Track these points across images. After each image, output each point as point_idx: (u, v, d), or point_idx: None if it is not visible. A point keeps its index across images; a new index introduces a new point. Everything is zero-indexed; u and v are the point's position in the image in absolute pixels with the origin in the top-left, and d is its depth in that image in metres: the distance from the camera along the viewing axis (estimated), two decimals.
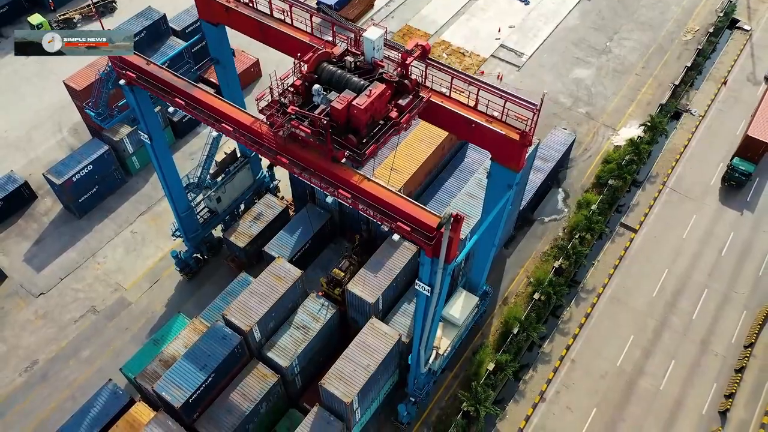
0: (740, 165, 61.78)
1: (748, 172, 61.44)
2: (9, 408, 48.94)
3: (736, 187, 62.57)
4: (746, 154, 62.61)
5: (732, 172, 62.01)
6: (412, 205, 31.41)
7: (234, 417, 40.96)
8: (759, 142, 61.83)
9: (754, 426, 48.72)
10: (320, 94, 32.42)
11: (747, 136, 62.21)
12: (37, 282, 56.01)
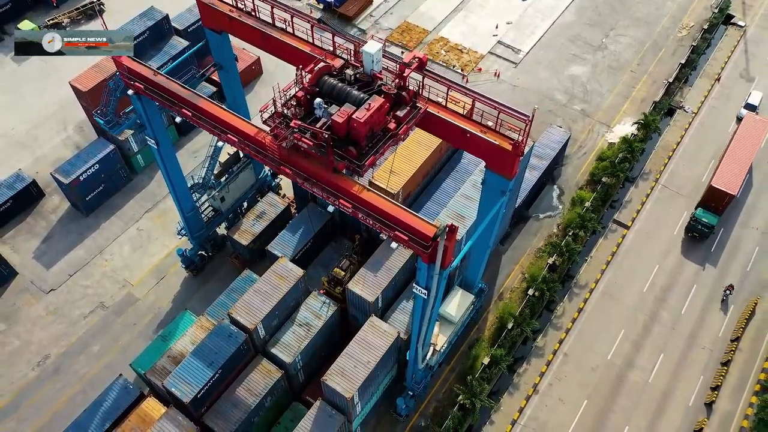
0: (703, 217, 58.68)
1: (711, 224, 58.32)
2: (23, 401, 50.96)
3: (699, 240, 59.83)
4: (710, 204, 59.61)
5: (695, 223, 59.05)
6: (409, 215, 33.03)
7: (240, 411, 42.93)
8: (723, 193, 58.70)
9: (738, 417, 50.81)
10: (322, 108, 33.91)
11: (711, 186, 59.18)
12: (47, 279, 57.75)
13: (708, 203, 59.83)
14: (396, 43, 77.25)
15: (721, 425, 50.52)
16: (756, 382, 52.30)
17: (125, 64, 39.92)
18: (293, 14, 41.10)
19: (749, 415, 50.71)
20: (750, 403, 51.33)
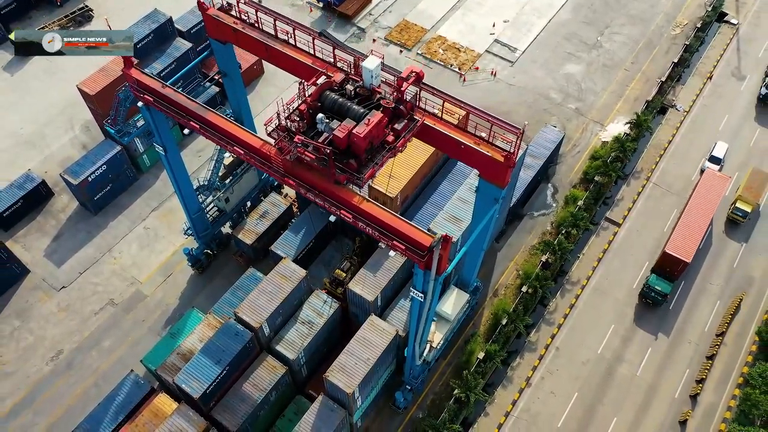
0: (656, 284, 56.86)
1: (664, 292, 56.56)
2: (38, 395, 53.26)
3: (653, 306, 58.10)
4: (664, 270, 57.97)
5: (648, 290, 57.26)
6: (407, 226, 35.02)
7: (247, 405, 45.24)
8: (677, 260, 56.85)
9: (722, 409, 53.22)
10: (323, 123, 35.77)
11: (665, 252, 57.26)
12: (58, 276, 59.84)
13: (662, 269, 58.11)
14: (395, 41, 78.73)
15: (704, 417, 52.94)
16: (739, 376, 54.63)
17: (135, 77, 41.59)
18: (295, 27, 42.76)
19: (732, 407, 53.11)
20: (733, 396, 53.69)
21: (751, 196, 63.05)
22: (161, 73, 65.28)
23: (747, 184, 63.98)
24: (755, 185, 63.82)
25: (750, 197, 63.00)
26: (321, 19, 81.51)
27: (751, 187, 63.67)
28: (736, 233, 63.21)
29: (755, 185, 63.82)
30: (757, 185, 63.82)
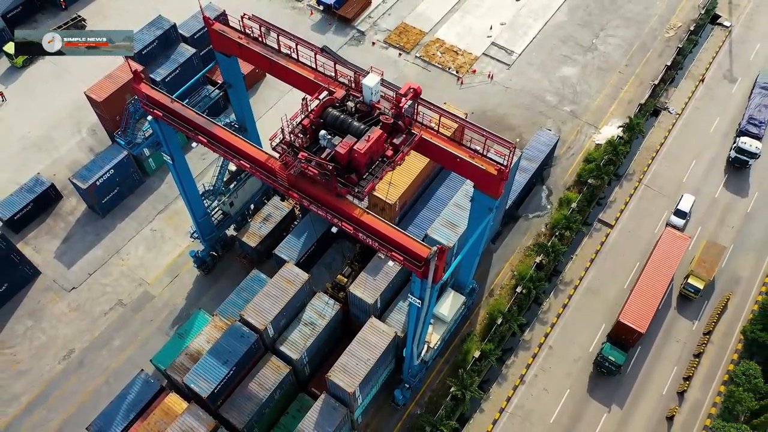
0: (610, 354, 55.49)
1: (618, 363, 55.30)
2: (52, 392, 55.46)
3: (606, 375, 56.45)
4: (618, 340, 56.78)
5: (601, 360, 55.86)
6: (405, 237, 36.98)
7: (253, 403, 47.46)
8: (631, 330, 55.29)
9: (707, 405, 55.50)
10: (326, 139, 37.69)
11: (619, 322, 55.72)
12: (68, 277, 61.86)
13: (617, 337, 56.89)
14: (394, 44, 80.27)
15: (691, 412, 55.23)
16: (725, 373, 56.87)
17: (144, 92, 43.33)
18: (298, 42, 44.45)
19: (717, 404, 55.38)
20: (719, 392, 55.94)
21: (704, 272, 59.84)
22: (166, 79, 67.11)
23: (700, 257, 60.78)
24: (709, 259, 60.59)
25: (703, 272, 59.81)
26: (321, 21, 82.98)
27: (705, 262, 60.42)
28: (688, 310, 60.47)
29: (709, 259, 60.59)
30: (711, 260, 60.57)
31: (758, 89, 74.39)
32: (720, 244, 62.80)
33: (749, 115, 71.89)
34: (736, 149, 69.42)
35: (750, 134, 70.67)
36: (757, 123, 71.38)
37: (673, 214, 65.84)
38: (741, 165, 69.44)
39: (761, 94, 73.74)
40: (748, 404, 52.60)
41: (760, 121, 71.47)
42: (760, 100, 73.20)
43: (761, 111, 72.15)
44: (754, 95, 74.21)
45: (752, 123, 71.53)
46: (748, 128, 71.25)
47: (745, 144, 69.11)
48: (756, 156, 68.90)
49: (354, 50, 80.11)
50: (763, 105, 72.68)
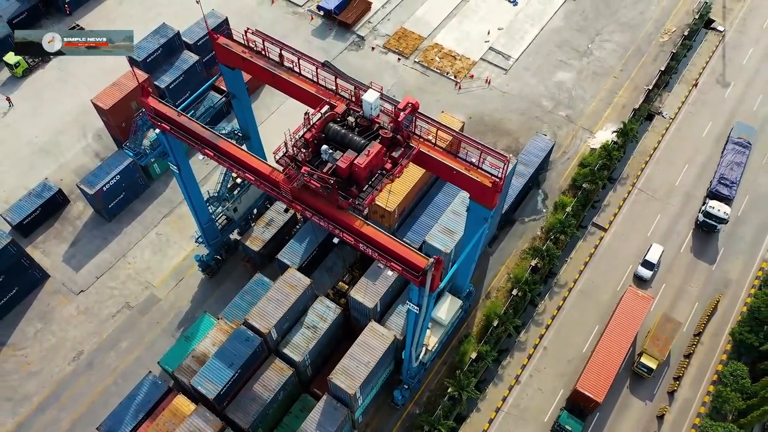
0: (566, 424, 54.34)
1: None
2: (62, 392, 57.30)
3: None
4: (576, 407, 55.65)
5: (558, 429, 54.89)
6: (404, 248, 38.68)
7: (257, 404, 49.30)
8: (588, 398, 53.84)
9: (696, 404, 57.38)
10: (327, 153, 39.33)
11: (575, 390, 54.62)
12: (76, 280, 63.59)
13: (575, 405, 55.84)
14: (393, 49, 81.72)
15: (680, 412, 57.10)
16: (714, 373, 58.70)
17: (152, 106, 44.91)
18: (300, 57, 45.98)
19: (706, 403, 57.23)
20: (708, 392, 57.79)
21: (657, 350, 56.82)
22: (170, 86, 68.64)
23: (654, 334, 57.74)
24: (663, 336, 57.45)
25: (656, 351, 56.80)
26: (321, 27, 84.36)
27: (659, 339, 57.28)
28: (641, 389, 57.89)
29: (663, 336, 57.45)
30: (666, 336, 57.46)
31: (731, 144, 70.71)
32: (675, 319, 59.20)
33: (720, 174, 68.31)
34: (705, 213, 65.86)
35: (720, 196, 67.15)
36: (728, 183, 67.56)
37: (641, 265, 63.64)
38: (709, 229, 66.11)
39: (734, 150, 69.99)
40: (735, 404, 54.47)
41: (731, 181, 67.61)
42: (732, 156, 69.48)
43: (733, 169, 68.40)
44: (727, 151, 70.35)
45: (723, 183, 67.67)
46: (718, 189, 67.47)
47: (714, 209, 65.48)
48: (725, 221, 65.42)
49: (354, 55, 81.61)
50: (735, 162, 69.02)
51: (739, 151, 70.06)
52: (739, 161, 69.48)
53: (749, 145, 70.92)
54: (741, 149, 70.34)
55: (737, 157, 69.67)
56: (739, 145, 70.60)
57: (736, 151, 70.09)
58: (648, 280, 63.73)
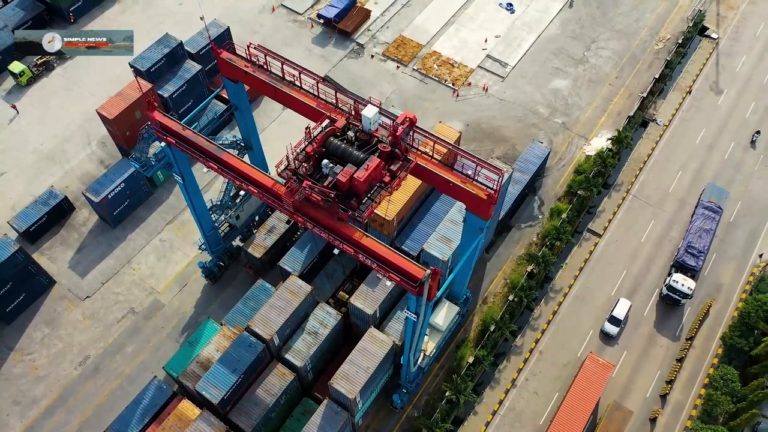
0: None
1: None
2: (70, 396, 58.73)
3: None
4: None
5: None
6: (402, 259, 40.08)
7: (260, 408, 50.73)
8: None
9: (688, 407, 58.81)
10: (328, 168, 40.75)
11: None
12: (82, 286, 64.99)
13: None
14: (392, 57, 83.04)
15: (672, 414, 58.53)
16: (705, 377, 60.13)
17: (158, 120, 46.27)
18: (301, 71, 47.33)
19: (698, 406, 58.68)
20: (699, 395, 59.22)
21: None
22: (173, 95, 70.01)
23: (604, 425, 54.84)
24: (612, 427, 54.50)
25: None
26: (322, 35, 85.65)
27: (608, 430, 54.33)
28: None
29: (612, 427, 54.50)
30: (616, 426, 54.58)
31: (701, 209, 66.50)
32: (626, 407, 56.37)
33: (688, 242, 64.30)
34: (668, 287, 62.67)
35: (686, 267, 63.23)
36: (695, 252, 63.44)
37: (607, 321, 61.77)
38: (673, 303, 63.27)
39: (704, 216, 65.84)
40: (725, 407, 55.91)
41: (699, 250, 63.53)
42: (701, 223, 65.33)
43: (702, 237, 64.37)
44: (696, 216, 66.26)
45: (690, 252, 63.58)
46: (684, 260, 63.37)
47: (677, 283, 62.18)
48: (689, 297, 62.06)
49: (353, 63, 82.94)
50: (704, 230, 64.77)
51: (708, 217, 65.98)
52: (708, 228, 65.24)
53: (720, 210, 66.63)
54: (711, 215, 66.15)
55: (706, 223, 65.55)
56: (710, 210, 66.44)
57: (705, 216, 66.07)
58: (614, 337, 61.76)
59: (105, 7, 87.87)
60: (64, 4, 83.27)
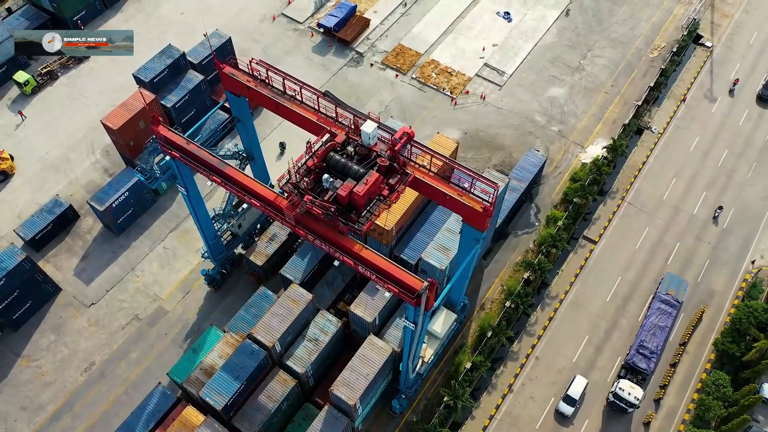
0: None
1: None
2: (76, 402, 59.97)
3: None
4: None
5: None
6: (400, 271, 41.33)
7: (262, 414, 51.96)
8: None
9: (681, 411, 60.09)
10: (328, 182, 42.02)
11: None
12: (87, 293, 66.24)
13: None
14: (391, 66, 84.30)
15: (666, 418, 59.80)
16: (698, 382, 61.39)
17: (162, 134, 47.54)
18: (302, 86, 48.60)
19: (691, 410, 59.93)
20: (692, 400, 60.46)
21: None
22: (176, 105, 71.28)
23: None
24: None
25: None
26: (322, 43, 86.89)
27: None
28: None
29: None
30: None
31: (657, 303, 61.78)
32: None
33: (640, 341, 59.99)
34: (614, 394, 58.18)
35: (637, 370, 59.15)
36: (647, 354, 59.12)
37: (562, 400, 58.85)
38: (620, 411, 58.51)
39: (659, 311, 61.21)
40: (717, 411, 57.20)
41: (651, 350, 59.24)
42: (656, 319, 60.69)
43: (656, 335, 59.91)
44: (652, 311, 61.69)
45: (642, 353, 59.24)
46: (635, 361, 59.03)
47: (623, 391, 57.57)
48: (636, 406, 57.61)
49: (353, 71, 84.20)
50: (659, 327, 60.25)
51: (664, 312, 61.08)
52: (663, 325, 60.44)
53: (678, 304, 61.89)
54: (668, 309, 61.38)
55: (662, 319, 60.73)
56: (666, 304, 61.73)
57: (661, 311, 61.25)
58: (569, 417, 59.10)
59: (108, 17, 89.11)
60: (68, 14, 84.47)
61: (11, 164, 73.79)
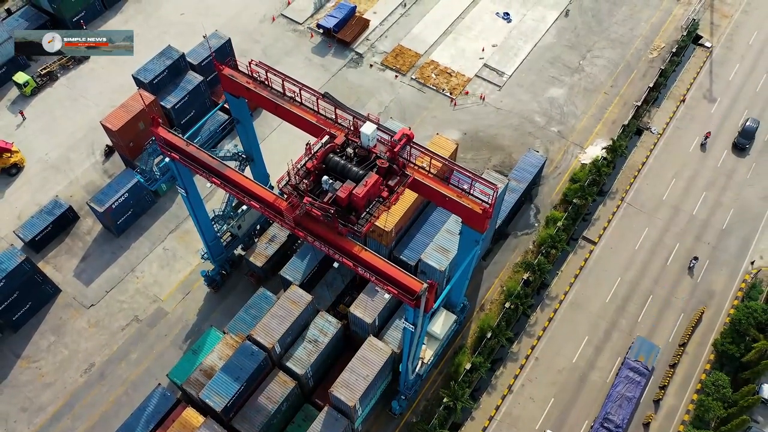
0: None
1: None
2: (76, 402, 59.99)
3: None
4: None
5: None
6: (399, 273, 41.36)
7: (262, 415, 52.00)
8: None
9: (681, 412, 60.12)
10: (328, 184, 42.06)
11: None
12: (87, 294, 66.27)
13: None
14: (390, 67, 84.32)
15: (666, 419, 59.82)
16: (698, 382, 61.42)
17: (162, 136, 47.56)
18: (301, 88, 48.63)
19: (690, 411, 59.98)
20: (692, 400, 60.50)
21: None
22: (176, 106, 71.30)
23: None
24: None
25: None
26: (321, 44, 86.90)
27: None
28: None
29: None
30: None
31: (626, 371, 58.07)
32: None
33: (605, 413, 56.22)
34: None
35: None
36: (612, 428, 55.06)
37: None
38: None
39: (627, 379, 57.50)
40: (717, 412, 57.25)
41: (616, 424, 55.10)
42: (623, 388, 56.98)
43: (622, 407, 56.03)
44: (619, 379, 57.90)
45: (606, 427, 55.27)
46: None
47: None
48: None
49: (352, 72, 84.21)
50: (626, 397, 56.45)
51: (633, 381, 57.43)
52: (630, 395, 56.78)
53: (647, 372, 58.31)
54: (636, 378, 57.70)
55: (629, 389, 57.05)
56: (635, 372, 58.12)
57: (629, 380, 57.56)
58: None
59: (107, 18, 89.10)
60: (67, 15, 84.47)
61: (21, 157, 74.01)
